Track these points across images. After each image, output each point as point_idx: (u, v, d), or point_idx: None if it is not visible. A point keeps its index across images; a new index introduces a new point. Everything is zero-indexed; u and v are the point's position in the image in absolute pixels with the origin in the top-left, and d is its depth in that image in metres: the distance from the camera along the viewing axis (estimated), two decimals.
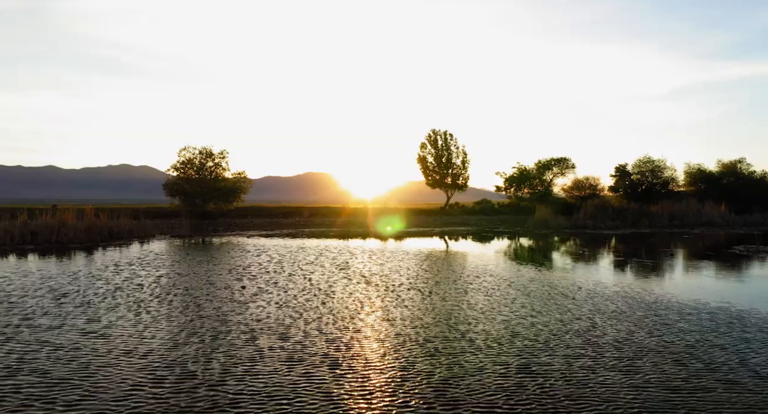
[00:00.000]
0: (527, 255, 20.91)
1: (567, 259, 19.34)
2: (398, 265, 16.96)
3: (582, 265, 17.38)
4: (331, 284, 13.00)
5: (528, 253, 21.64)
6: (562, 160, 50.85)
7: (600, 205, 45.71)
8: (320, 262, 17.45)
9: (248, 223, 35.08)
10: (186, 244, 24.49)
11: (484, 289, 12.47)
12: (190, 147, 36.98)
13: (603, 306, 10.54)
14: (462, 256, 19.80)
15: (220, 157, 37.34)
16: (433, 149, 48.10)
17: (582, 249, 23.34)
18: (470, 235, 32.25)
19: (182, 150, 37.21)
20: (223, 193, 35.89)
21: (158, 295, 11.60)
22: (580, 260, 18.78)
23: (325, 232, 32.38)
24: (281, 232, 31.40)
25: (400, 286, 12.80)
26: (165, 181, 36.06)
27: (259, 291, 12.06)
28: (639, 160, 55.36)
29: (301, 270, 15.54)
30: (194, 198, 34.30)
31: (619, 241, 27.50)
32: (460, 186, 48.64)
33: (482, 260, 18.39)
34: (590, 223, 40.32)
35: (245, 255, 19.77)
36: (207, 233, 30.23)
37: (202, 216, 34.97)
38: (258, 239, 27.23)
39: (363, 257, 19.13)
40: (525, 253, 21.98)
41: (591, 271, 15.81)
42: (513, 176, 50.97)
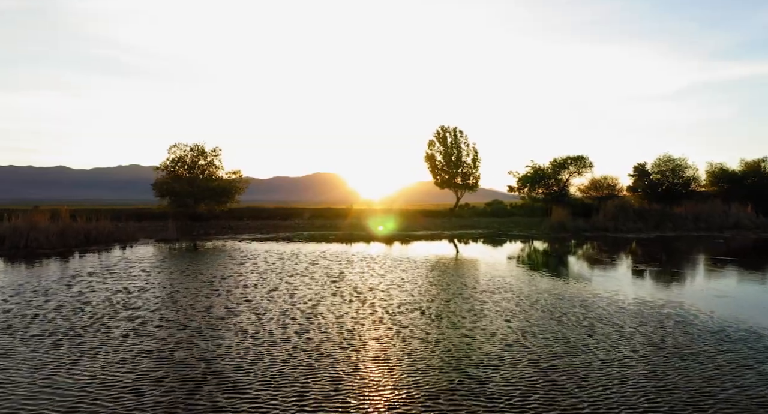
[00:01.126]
0: (548, 263, 18.65)
1: (595, 268, 17.06)
2: (401, 276, 14.78)
3: (614, 276, 15.10)
4: (317, 304, 10.84)
5: (549, 261, 19.37)
6: (578, 159, 48.39)
7: (620, 207, 43.34)
8: (311, 273, 15.32)
9: (243, 225, 33.08)
10: (169, 249, 22.47)
11: (503, 310, 10.27)
12: (180, 144, 35.28)
13: (657, 337, 8.32)
14: (474, 265, 17.58)
15: (213, 154, 35.39)
16: (442, 147, 45.76)
17: (609, 256, 21.03)
18: (482, 239, 29.99)
19: (172, 147, 35.65)
20: (216, 193, 33.80)
21: (99, 318, 9.51)
22: (610, 270, 16.50)
23: (325, 235, 30.27)
24: (277, 236, 29.34)
25: (400, 306, 10.63)
26: (154, 181, 34.12)
27: (227, 314, 9.92)
28: (659, 158, 53.00)
29: (286, 284, 13.40)
30: (185, 199, 32.24)
31: (646, 247, 25.15)
32: (471, 186, 46.28)
33: (498, 270, 16.17)
34: (611, 226, 37.94)
35: (228, 263, 17.68)
36: (196, 237, 28.23)
37: (193, 218, 32.93)
38: (250, 244, 25.16)
39: (362, 266, 16.98)
40: (545, 260, 19.71)
41: (627, 284, 13.54)
42: (526, 175, 48.58)
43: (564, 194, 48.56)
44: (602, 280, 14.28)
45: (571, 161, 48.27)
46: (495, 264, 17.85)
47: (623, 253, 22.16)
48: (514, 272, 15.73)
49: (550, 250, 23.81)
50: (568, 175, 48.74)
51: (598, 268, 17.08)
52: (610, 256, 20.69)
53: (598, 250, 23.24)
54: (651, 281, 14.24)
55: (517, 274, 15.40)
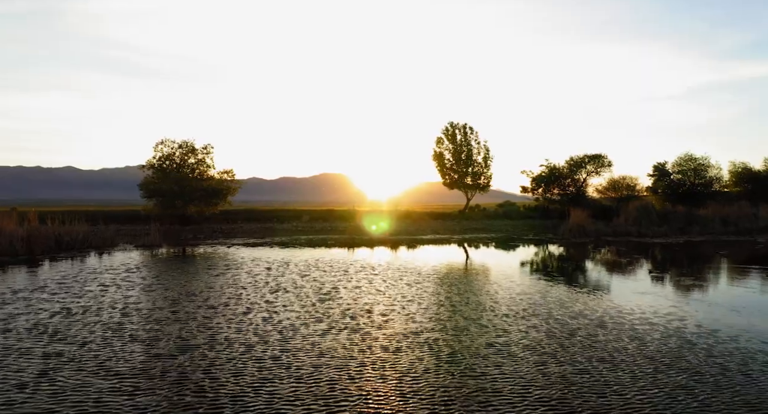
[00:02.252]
0: (576, 275, 16.33)
1: (633, 282, 14.74)
2: (404, 293, 12.54)
3: (661, 293, 12.77)
4: (294, 333, 8.63)
5: (576, 272, 17.05)
6: (596, 157, 45.95)
7: (643, 209, 40.95)
8: (298, 288, 13.12)
9: (237, 229, 30.99)
10: (147, 256, 20.36)
11: (534, 345, 8.01)
12: (168, 140, 33.24)
13: (750, 391, 6.02)
14: (490, 277, 15.30)
15: (204, 152, 33.29)
16: (451, 145, 43.36)
17: (646, 266, 18.68)
18: (495, 244, 27.71)
19: (159, 144, 33.45)
20: (207, 193, 31.63)
21: (11, 352, 7.33)
22: (652, 284, 14.16)
23: (324, 239, 28.10)
24: (272, 241, 27.17)
25: (401, 340, 8.38)
26: (141, 181, 31.97)
27: (175, 350, 7.73)
28: (680, 158, 50.65)
29: (264, 303, 11.20)
30: (173, 200, 30.07)
31: (683, 254, 22.76)
32: (482, 186, 43.89)
33: (518, 283, 13.89)
34: (634, 230, 35.58)
35: (206, 274, 15.52)
36: (182, 242, 26.12)
37: (182, 221, 30.77)
38: (239, 250, 23.02)
39: (359, 279, 14.76)
40: (571, 271, 17.39)
41: (680, 305, 11.21)
42: (541, 175, 46.20)
43: (581, 195, 46.12)
44: (649, 299, 11.95)
45: (589, 160, 45.85)
46: (513, 275, 15.56)
47: (660, 263, 19.81)
48: (537, 287, 13.44)
49: (575, 258, 21.47)
50: (586, 174, 46.32)
51: (637, 281, 14.74)
52: (649, 267, 18.33)
53: (629, 259, 20.87)
54: (709, 300, 11.89)
55: (542, 289, 13.11)
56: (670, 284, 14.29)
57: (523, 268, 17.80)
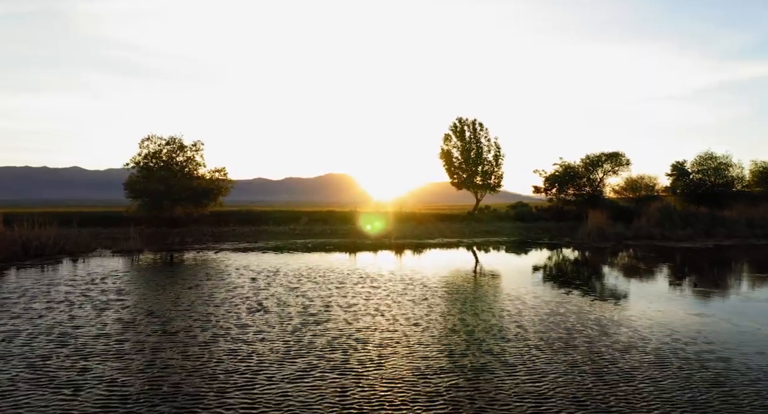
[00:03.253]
0: (611, 289, 14.26)
1: (681, 297, 12.66)
2: (408, 313, 10.54)
3: (723, 314, 10.69)
4: (260, 377, 6.62)
5: (610, 285, 14.97)
6: (614, 156, 43.74)
7: (665, 210, 38.80)
8: (282, 306, 11.14)
9: (228, 232, 29.02)
10: (122, 263, 18.43)
11: (582, 392, 5.97)
12: (154, 137, 31.19)
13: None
14: (511, 291, 13.25)
15: (193, 149, 31.34)
16: (460, 142, 41.19)
17: (694, 278, 16.59)
18: (509, 248, 25.65)
19: (145, 140, 31.32)
20: (195, 193, 29.67)
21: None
22: (702, 299, 12.09)
23: (322, 244, 26.12)
24: (265, 245, 25.21)
25: (404, 385, 6.35)
26: (126, 180, 29.99)
27: (88, 407, 5.73)
28: (699, 156, 48.54)
29: (236, 329, 9.21)
30: (159, 200, 28.06)
31: (721, 260, 20.65)
32: (493, 186, 41.74)
33: (546, 299, 11.85)
34: (656, 232, 33.44)
35: (179, 287, 13.56)
36: (167, 246, 24.18)
37: (170, 223, 28.80)
38: (227, 256, 21.08)
39: (356, 292, 12.77)
40: (604, 283, 15.30)
41: (748, 326, 9.14)
42: (555, 175, 44.03)
43: (598, 196, 43.93)
44: (710, 323, 9.87)
45: (606, 158, 43.65)
46: (536, 288, 13.52)
47: (701, 273, 17.70)
48: (568, 304, 11.39)
49: (602, 266, 19.38)
50: (602, 173, 44.12)
51: (684, 297, 12.65)
52: (693, 279, 16.21)
53: (663, 267, 18.77)
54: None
55: (575, 307, 11.06)
56: (726, 301, 12.19)
57: (546, 278, 15.74)
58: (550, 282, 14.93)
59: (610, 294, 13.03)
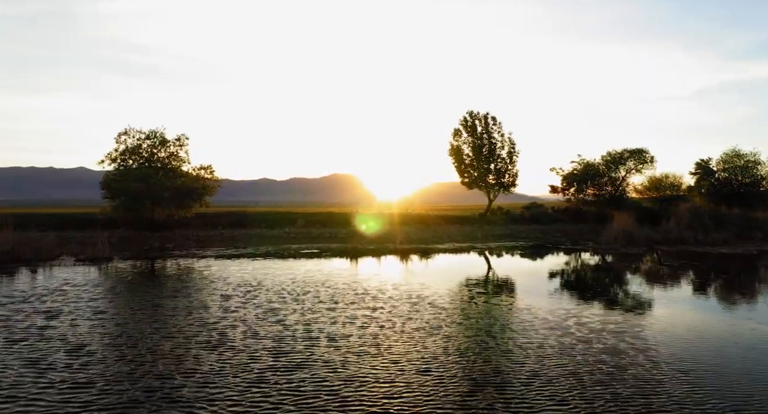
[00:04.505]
0: (663, 308, 11.70)
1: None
2: (415, 352, 8.05)
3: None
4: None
5: (660, 303, 12.40)
6: (638, 153, 41.00)
7: (694, 212, 36.22)
8: (249, 341, 8.70)
9: (216, 236, 26.55)
10: (79, 274, 16.03)
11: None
12: (132, 130, 28.26)
13: None
14: (544, 312, 10.74)
15: (177, 144, 28.62)
16: (471, 137, 38.50)
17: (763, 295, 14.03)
18: (529, 255, 23.10)
19: (122, 134, 28.32)
20: (180, 193, 27.48)
21: None
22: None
23: (320, 249, 23.68)
24: (255, 251, 22.79)
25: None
26: (103, 178, 27.44)
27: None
28: (725, 154, 45.70)
29: (171, 384, 6.73)
30: (137, 201, 25.46)
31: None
32: (506, 185, 39.04)
33: (590, 324, 9.32)
34: (689, 236, 30.85)
35: (127, 309, 11.13)
36: (142, 253, 21.75)
37: (151, 226, 26.26)
38: (209, 264, 18.71)
39: (350, 317, 10.33)
40: (651, 300, 12.73)
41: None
42: (573, 173, 41.34)
43: (622, 196, 41.23)
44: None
45: (629, 155, 40.91)
46: (578, 310, 10.98)
47: (762, 284, 15.12)
48: (626, 334, 8.83)
49: (640, 278, 16.80)
50: (625, 172, 41.37)
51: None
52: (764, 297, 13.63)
53: (720, 280, 16.18)
54: None
55: (632, 339, 8.52)
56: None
57: (584, 295, 13.20)
58: (591, 301, 12.38)
59: (659, 315, 10.46)
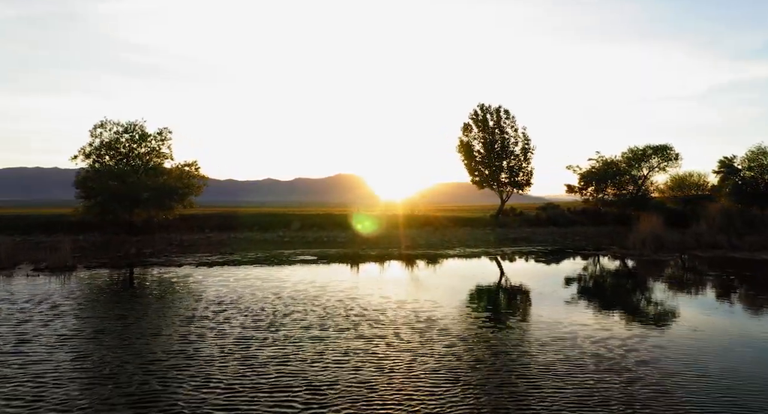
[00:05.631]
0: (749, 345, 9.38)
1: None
2: (422, 408, 5.74)
3: None
4: None
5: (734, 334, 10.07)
6: (662, 149, 38.56)
7: (725, 213, 33.90)
8: (193, 394, 6.40)
9: (201, 240, 24.22)
10: (28, 287, 13.81)
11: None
12: (109, 123, 25.68)
13: None
14: (591, 344, 8.47)
15: (158, 138, 26.13)
16: (482, 132, 36.04)
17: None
18: (550, 260, 20.80)
19: (98, 127, 25.36)
20: (161, 193, 24.91)
21: None
22: None
23: (316, 255, 21.46)
24: (242, 258, 20.58)
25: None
26: (77, 176, 25.21)
27: None
28: (751, 152, 43.08)
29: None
30: (115, 201, 23.09)
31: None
32: (521, 184, 36.59)
33: (661, 365, 7.01)
34: (722, 240, 28.40)
35: (70, 329, 8.91)
36: (113, 261, 19.53)
37: (129, 230, 23.92)
38: (186, 274, 16.57)
39: (340, 350, 8.14)
40: (722, 320, 10.39)
41: None
42: (591, 171, 38.95)
43: (645, 196, 38.82)
44: None
45: (652, 152, 38.47)
46: (625, 335, 8.73)
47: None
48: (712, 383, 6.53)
49: (699, 292, 14.43)
50: (648, 170, 38.92)
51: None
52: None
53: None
54: None
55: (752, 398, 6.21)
56: None
57: (629, 314, 10.90)
58: (646, 325, 10.07)
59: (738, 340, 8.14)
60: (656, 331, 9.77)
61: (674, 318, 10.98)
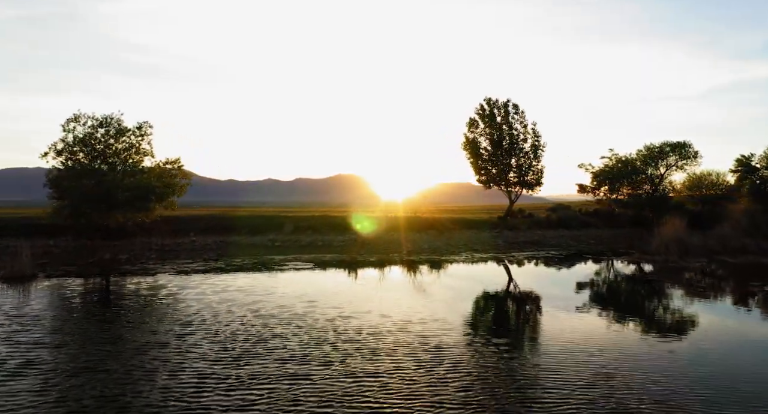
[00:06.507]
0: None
1: None
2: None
3: None
4: None
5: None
6: (680, 146, 36.64)
7: (749, 215, 32.07)
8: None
9: (185, 245, 22.35)
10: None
11: None
12: (83, 116, 23.54)
13: None
14: (639, 378, 6.59)
15: (138, 134, 24.03)
16: (488, 128, 34.10)
17: None
18: (567, 269, 18.95)
19: (71, 121, 23.27)
20: (141, 193, 22.75)
21: None
22: None
23: (310, 261, 19.62)
24: (228, 265, 18.76)
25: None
26: (49, 174, 22.99)
27: None
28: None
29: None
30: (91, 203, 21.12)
31: None
32: (531, 184, 34.63)
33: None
34: (751, 244, 26.54)
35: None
36: (80, 269, 17.68)
37: (105, 233, 21.90)
38: (163, 283, 14.80)
39: (323, 397, 6.17)
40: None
41: None
42: (605, 170, 37.05)
43: (664, 196, 36.88)
44: None
45: (670, 149, 36.54)
46: (675, 366, 6.83)
47: None
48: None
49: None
50: (665, 168, 36.99)
51: None
52: None
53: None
54: None
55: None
56: None
57: (673, 333, 9.05)
58: (694, 350, 8.21)
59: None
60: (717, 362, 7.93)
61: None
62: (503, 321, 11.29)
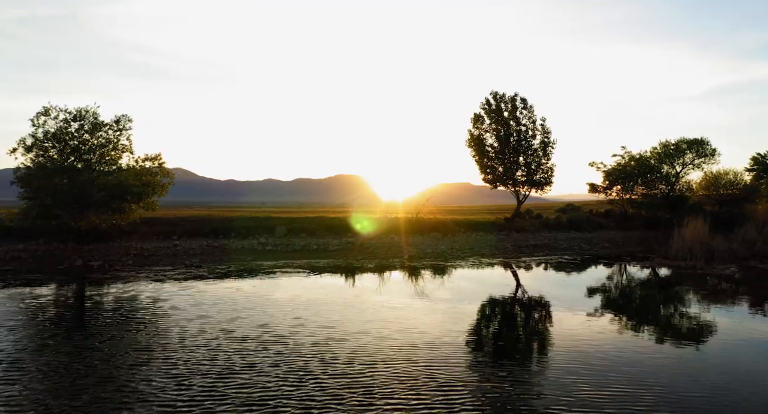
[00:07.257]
0: None
1: None
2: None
3: None
4: None
5: None
6: (697, 144, 34.95)
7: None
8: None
9: (166, 249, 20.66)
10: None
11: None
12: (55, 109, 21.55)
13: None
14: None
15: (115, 128, 22.16)
16: (495, 124, 32.34)
17: None
18: (584, 275, 17.28)
19: (41, 115, 21.31)
20: (115, 192, 20.82)
21: None
22: None
23: (303, 267, 17.97)
24: (211, 271, 17.11)
25: None
26: (16, 173, 20.96)
27: None
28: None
29: None
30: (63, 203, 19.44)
31: None
32: (540, 183, 32.83)
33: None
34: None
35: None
36: (51, 275, 16.03)
37: (80, 237, 20.20)
38: (136, 294, 13.17)
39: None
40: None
41: None
42: (617, 168, 35.37)
43: (682, 196, 35.20)
44: None
45: (687, 147, 34.85)
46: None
47: None
48: None
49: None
50: (681, 167, 35.27)
51: None
52: None
53: None
54: None
55: None
56: None
57: (721, 351, 7.41)
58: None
59: None
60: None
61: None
62: (527, 345, 9.63)
